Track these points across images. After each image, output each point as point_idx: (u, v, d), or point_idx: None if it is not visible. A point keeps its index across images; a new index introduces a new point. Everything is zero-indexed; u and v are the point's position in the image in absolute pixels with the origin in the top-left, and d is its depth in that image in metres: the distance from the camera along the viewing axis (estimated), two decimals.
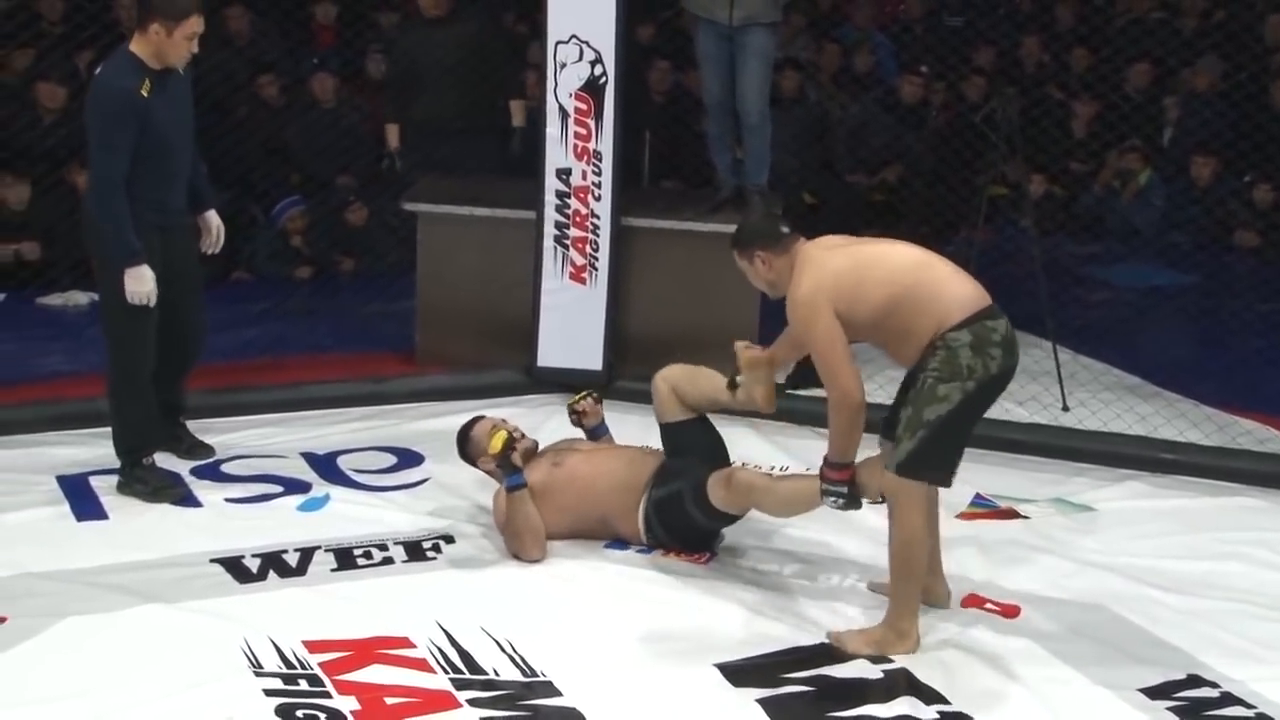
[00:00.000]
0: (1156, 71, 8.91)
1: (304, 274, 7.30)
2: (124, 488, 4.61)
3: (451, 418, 5.38)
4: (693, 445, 4.35)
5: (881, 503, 3.86)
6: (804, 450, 4.98)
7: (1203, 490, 4.98)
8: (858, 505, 3.86)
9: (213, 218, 4.80)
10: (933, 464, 3.69)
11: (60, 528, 4.38)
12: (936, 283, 3.65)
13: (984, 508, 4.77)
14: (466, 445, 4.49)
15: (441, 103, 6.52)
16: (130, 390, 4.58)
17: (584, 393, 4.64)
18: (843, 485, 3.79)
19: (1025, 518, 4.71)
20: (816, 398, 5.45)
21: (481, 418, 4.54)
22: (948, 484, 3.80)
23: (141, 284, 4.40)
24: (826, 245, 3.80)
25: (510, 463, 4.23)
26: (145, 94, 4.32)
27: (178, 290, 4.58)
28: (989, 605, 4.04)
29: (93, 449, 4.89)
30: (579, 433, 4.65)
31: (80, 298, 6.77)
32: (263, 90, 7.82)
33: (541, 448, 4.50)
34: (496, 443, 4.24)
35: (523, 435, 4.39)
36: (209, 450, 4.95)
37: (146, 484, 4.59)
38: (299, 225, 7.29)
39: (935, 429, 3.63)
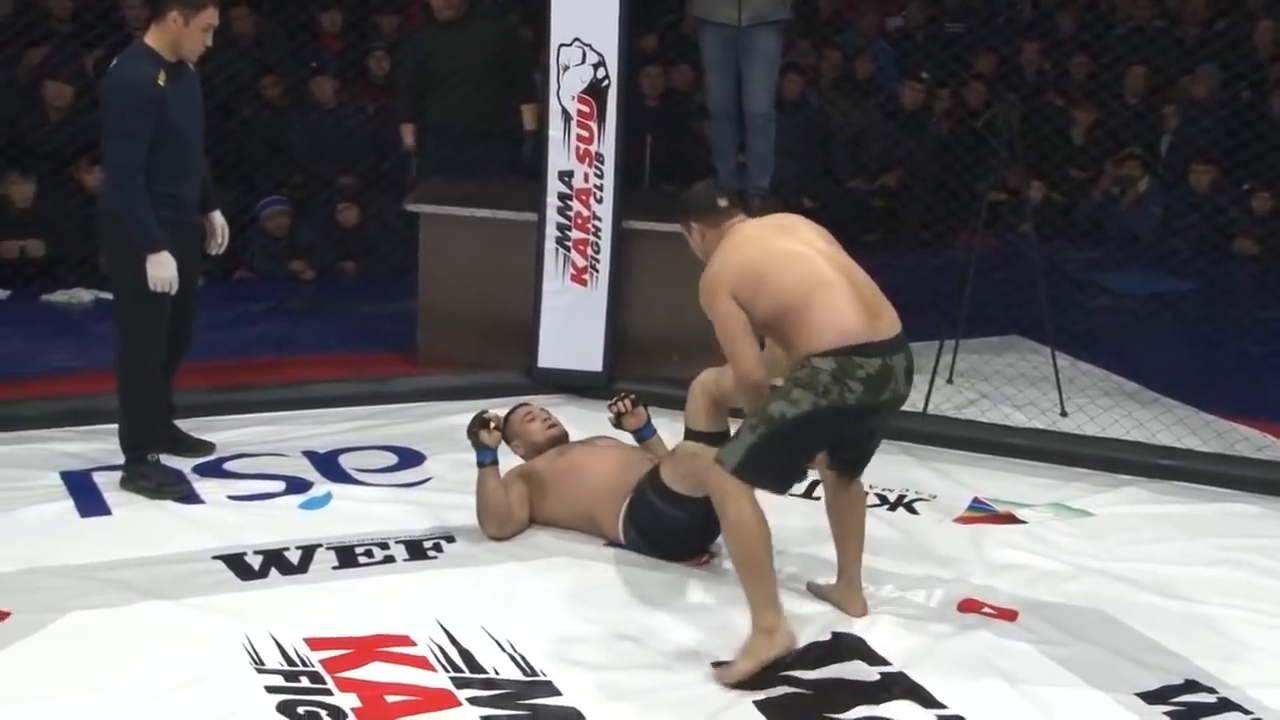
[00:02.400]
0: (1155, 79, 8.93)
1: (306, 273, 7.30)
2: (127, 484, 4.61)
3: (452, 417, 5.41)
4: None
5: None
6: (880, 469, 4.94)
7: (1200, 496, 4.98)
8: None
9: (218, 218, 4.81)
10: (770, 469, 3.61)
11: (64, 523, 4.38)
12: (824, 308, 3.56)
13: (982, 511, 4.77)
14: (504, 429, 4.55)
15: (458, 106, 6.52)
16: (140, 384, 4.58)
17: (622, 393, 4.63)
18: None
19: (1023, 522, 4.71)
20: None
21: (522, 404, 4.70)
22: (781, 492, 3.73)
23: (164, 269, 4.40)
24: (752, 234, 3.74)
25: (476, 439, 4.30)
26: (161, 83, 4.33)
27: (181, 290, 4.57)
28: (986, 609, 4.04)
29: (97, 445, 4.90)
30: (623, 435, 4.61)
31: (85, 295, 6.79)
32: (266, 91, 7.83)
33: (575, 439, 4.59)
34: (473, 420, 4.36)
35: (550, 425, 4.54)
36: (210, 448, 4.95)
37: (150, 480, 4.60)
38: (280, 224, 7.30)
39: (777, 427, 3.55)
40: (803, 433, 3.59)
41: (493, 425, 4.36)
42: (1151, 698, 3.60)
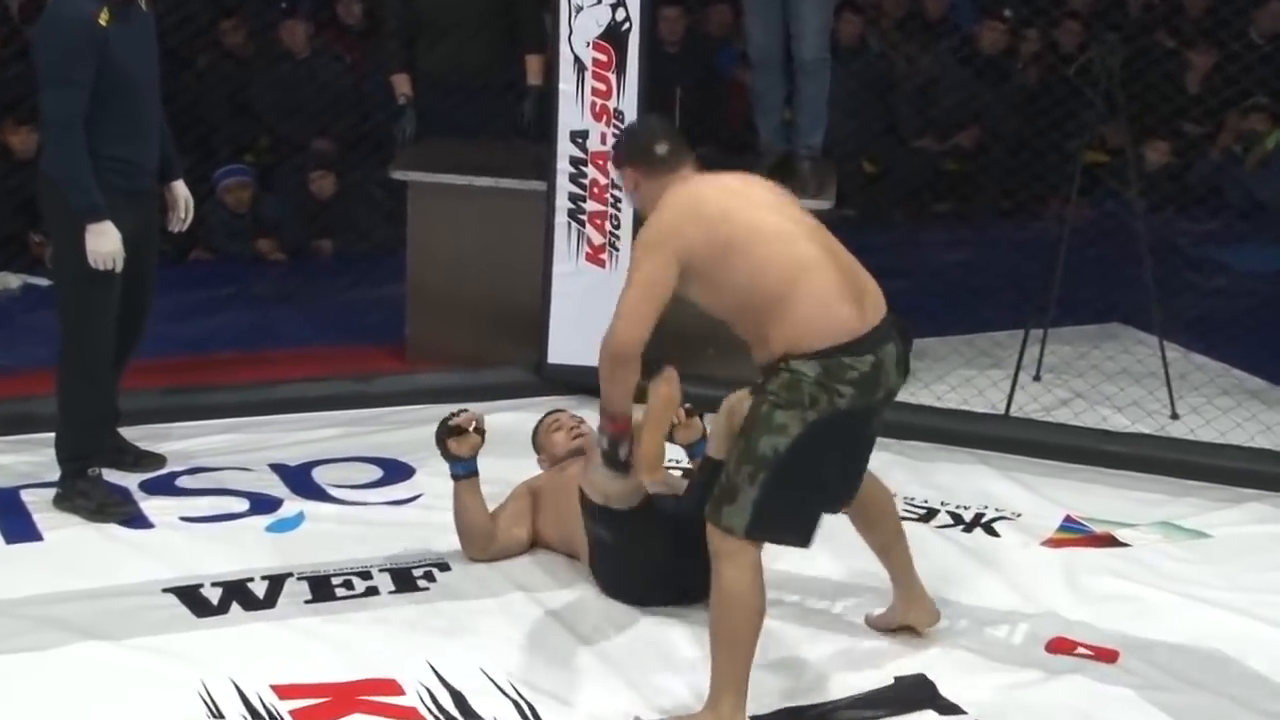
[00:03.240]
0: None
1: (274, 254, 7.34)
2: (63, 502, 4.64)
3: None
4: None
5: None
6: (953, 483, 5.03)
7: None
8: (622, 470, 3.79)
9: (180, 189, 4.83)
10: (785, 518, 3.57)
11: None
12: (808, 300, 3.51)
13: (1075, 533, 4.76)
14: (535, 437, 4.63)
15: (452, 55, 6.52)
16: (86, 383, 4.61)
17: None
18: (606, 437, 3.75)
19: (1125, 545, 4.70)
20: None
21: (558, 410, 4.74)
22: (806, 544, 3.69)
23: (105, 242, 4.42)
24: (711, 194, 3.65)
25: (444, 449, 4.34)
26: (104, 22, 4.35)
27: (136, 270, 4.59)
28: (1081, 650, 4.04)
29: (26, 457, 4.94)
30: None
31: (12, 280, 6.83)
32: (226, 38, 7.86)
33: None
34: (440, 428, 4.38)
35: (575, 436, 4.53)
36: (160, 461, 4.98)
37: (90, 499, 4.63)
38: (240, 197, 7.33)
39: (776, 467, 3.49)
40: (806, 461, 3.52)
41: (473, 428, 4.35)
42: None
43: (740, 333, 3.66)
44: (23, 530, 4.53)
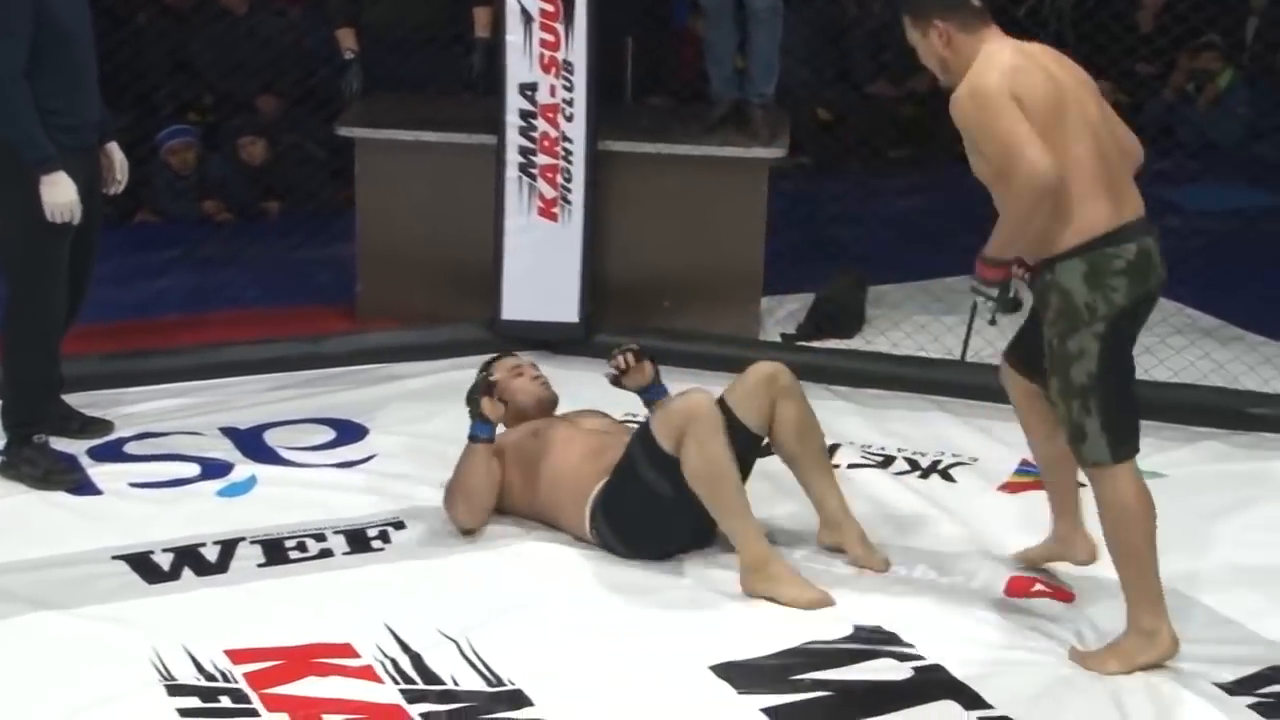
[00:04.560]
0: None
1: (220, 214, 7.28)
2: (8, 470, 4.60)
3: (400, 382, 5.43)
4: None
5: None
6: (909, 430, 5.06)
7: None
8: (1016, 307, 3.80)
9: (115, 151, 4.78)
10: (1126, 435, 3.70)
11: None
12: (1072, 193, 3.56)
13: (1032, 475, 4.76)
14: (485, 386, 4.42)
15: (396, 7, 6.46)
16: (34, 347, 4.56)
17: (624, 346, 4.55)
18: (995, 286, 3.72)
19: (1082, 484, 4.70)
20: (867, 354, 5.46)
21: (507, 354, 4.67)
22: (1137, 449, 3.78)
23: (60, 193, 4.36)
24: (1020, 50, 3.67)
25: (477, 409, 4.27)
26: None
27: (80, 231, 4.54)
28: (1039, 587, 4.07)
29: None
30: (629, 398, 4.60)
31: None
32: None
33: (564, 412, 4.57)
34: (476, 385, 4.32)
35: (543, 384, 4.53)
36: (107, 426, 4.95)
37: (36, 466, 4.59)
38: (185, 159, 7.27)
39: (1101, 390, 3.63)
40: (1117, 366, 3.65)
41: (497, 395, 4.32)
42: (1234, 688, 3.63)
43: (998, 204, 3.66)
44: None
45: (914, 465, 4.84)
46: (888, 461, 4.87)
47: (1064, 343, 3.64)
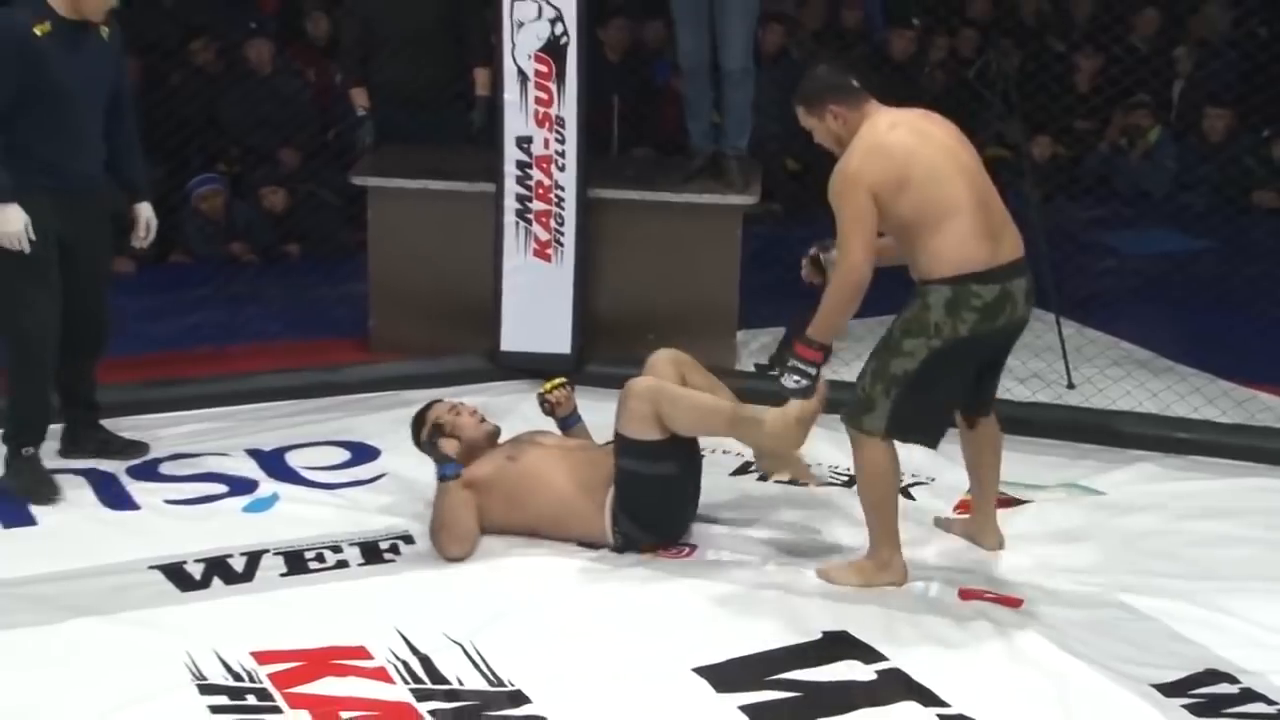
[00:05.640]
0: (1165, 20, 8.93)
1: (246, 256, 7.27)
2: (4, 480, 4.58)
3: (409, 408, 5.36)
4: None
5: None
6: None
7: (1220, 471, 5.01)
8: (811, 394, 4.01)
9: (143, 210, 4.76)
10: (916, 425, 3.97)
11: None
12: (953, 233, 3.82)
13: None
14: (419, 431, 4.49)
15: (405, 70, 6.47)
16: (24, 364, 4.52)
17: (556, 381, 4.65)
18: (813, 366, 3.96)
19: (1027, 502, 4.73)
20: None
21: (439, 401, 4.58)
22: (935, 445, 4.12)
23: (7, 222, 4.30)
24: (894, 120, 3.92)
25: (437, 452, 4.27)
26: (40, 34, 4.29)
27: (80, 271, 4.51)
28: (988, 596, 4.07)
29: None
30: (548, 422, 4.65)
31: None
32: (196, 56, 7.77)
33: (506, 438, 4.51)
34: (427, 431, 4.33)
35: (481, 419, 4.48)
36: (143, 448, 4.93)
37: (21, 479, 4.55)
38: (214, 205, 7.26)
39: (906, 386, 3.88)
40: (931, 380, 3.88)
41: (447, 430, 4.32)
42: (1170, 689, 3.62)
43: (901, 252, 3.93)
44: (18, 516, 4.48)
45: None
46: (852, 481, 4.82)
47: (903, 337, 3.88)
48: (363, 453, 5.05)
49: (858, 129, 3.89)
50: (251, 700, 3.50)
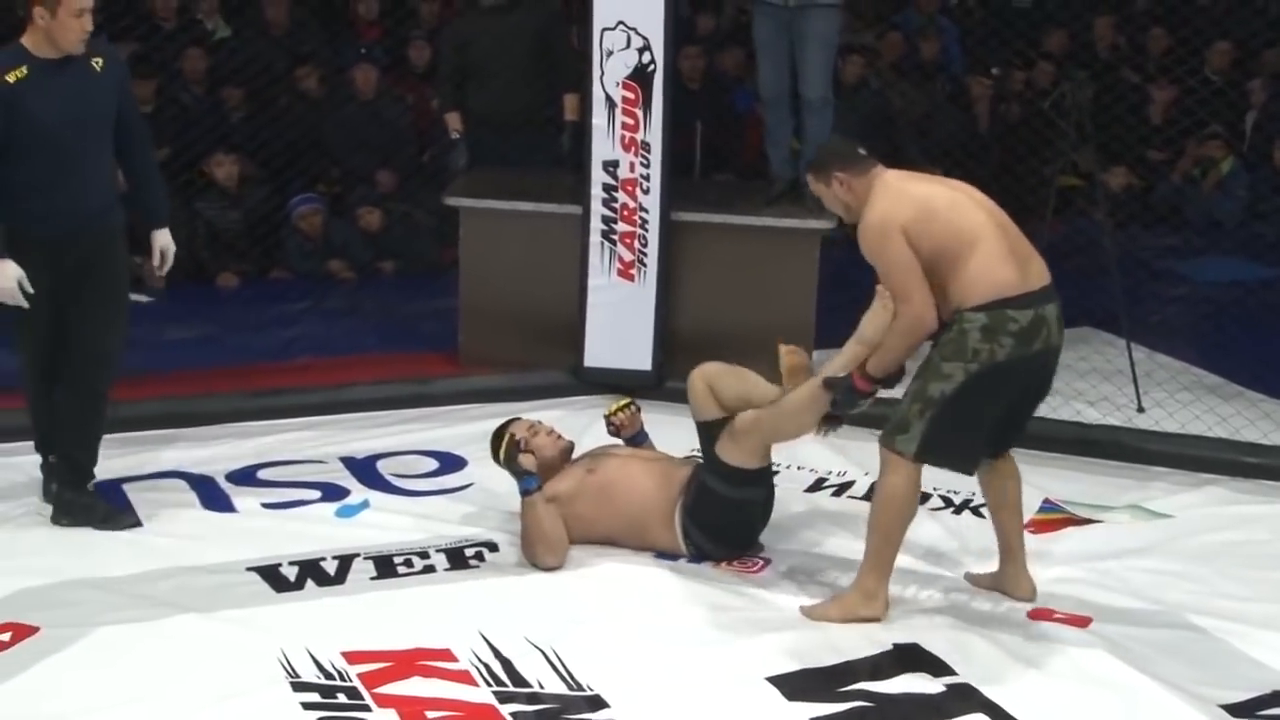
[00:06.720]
0: (1238, 52, 8.79)
1: (344, 273, 7.34)
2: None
3: (496, 420, 5.39)
4: None
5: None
6: (863, 454, 4.95)
7: None
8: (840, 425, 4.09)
9: (160, 238, 4.52)
10: (949, 450, 3.84)
11: (94, 536, 4.41)
12: (983, 257, 3.76)
13: (1053, 513, 4.72)
14: (498, 448, 4.47)
15: (499, 95, 6.51)
16: (27, 386, 4.53)
17: (622, 402, 4.63)
18: (867, 399, 3.94)
19: (1098, 522, 4.65)
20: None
21: (516, 419, 4.56)
22: (970, 472, 3.97)
23: (1, 279, 4.17)
24: (905, 175, 3.93)
25: (517, 467, 4.27)
26: (13, 80, 4.10)
27: (71, 307, 4.32)
28: (1057, 616, 4.00)
29: (123, 458, 4.90)
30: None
31: None
32: (301, 82, 7.88)
33: (581, 452, 4.51)
34: (506, 448, 4.32)
35: (558, 436, 4.47)
36: (131, 520, 4.51)
37: (48, 481, 4.57)
38: (313, 223, 7.33)
39: (942, 409, 3.77)
40: (968, 405, 3.77)
41: (525, 446, 4.33)
42: (1238, 710, 3.55)
43: (933, 287, 3.82)
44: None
45: (948, 503, 4.79)
46: (924, 498, 4.78)
47: (942, 361, 3.78)
48: (451, 462, 5.07)
49: (867, 194, 3.86)
50: (342, 699, 3.52)
